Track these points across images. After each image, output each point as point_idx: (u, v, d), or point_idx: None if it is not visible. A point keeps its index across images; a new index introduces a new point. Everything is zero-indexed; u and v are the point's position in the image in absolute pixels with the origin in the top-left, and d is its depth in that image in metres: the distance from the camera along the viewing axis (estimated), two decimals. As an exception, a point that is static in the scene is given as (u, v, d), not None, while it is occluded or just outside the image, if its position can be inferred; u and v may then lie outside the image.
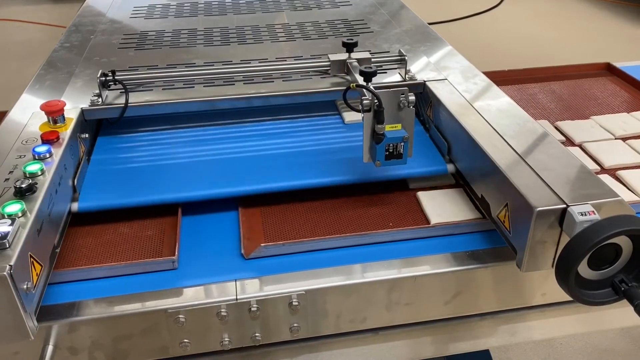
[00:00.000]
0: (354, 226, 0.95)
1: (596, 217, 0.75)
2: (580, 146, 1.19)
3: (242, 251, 0.90)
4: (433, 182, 1.05)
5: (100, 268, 0.87)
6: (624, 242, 0.76)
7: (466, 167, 1.01)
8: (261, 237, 0.93)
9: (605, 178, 1.06)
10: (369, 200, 1.02)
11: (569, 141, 1.22)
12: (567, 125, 1.26)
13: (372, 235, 0.92)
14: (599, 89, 1.46)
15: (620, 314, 1.01)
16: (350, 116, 1.19)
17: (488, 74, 1.19)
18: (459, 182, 1.04)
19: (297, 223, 0.97)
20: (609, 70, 1.57)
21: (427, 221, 0.96)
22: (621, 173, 1.08)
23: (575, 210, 0.76)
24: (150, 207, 0.98)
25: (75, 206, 0.95)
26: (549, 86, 1.49)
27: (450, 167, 1.05)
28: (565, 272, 0.74)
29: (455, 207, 0.98)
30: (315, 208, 1.01)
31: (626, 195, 1.02)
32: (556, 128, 1.27)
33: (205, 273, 0.87)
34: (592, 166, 1.12)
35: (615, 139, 1.21)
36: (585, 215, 0.75)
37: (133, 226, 0.97)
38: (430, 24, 1.52)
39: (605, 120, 1.28)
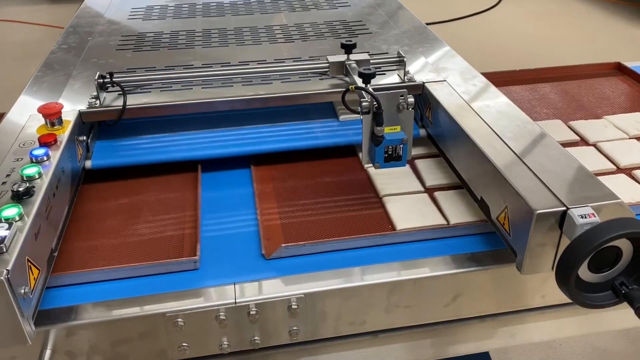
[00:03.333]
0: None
1: (596, 219, 0.74)
2: (595, 146, 1.19)
3: (263, 252, 0.90)
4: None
5: (114, 270, 0.87)
6: (624, 244, 0.76)
7: (465, 169, 1.00)
8: (280, 237, 0.93)
9: (621, 178, 1.07)
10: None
11: (583, 141, 1.22)
12: (581, 125, 1.26)
13: (390, 235, 0.92)
14: (611, 89, 1.46)
15: (619, 315, 1.01)
16: (345, 115, 1.19)
17: (499, 74, 1.17)
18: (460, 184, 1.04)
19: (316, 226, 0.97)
20: (620, 69, 1.57)
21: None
22: (637, 172, 1.08)
23: (575, 212, 0.75)
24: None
25: (88, 164, 1.05)
26: (560, 86, 1.49)
27: (422, 132, 1.14)
28: (565, 275, 0.74)
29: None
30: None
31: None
32: (570, 127, 1.26)
33: (227, 273, 0.87)
34: (608, 166, 1.11)
35: (630, 138, 1.21)
36: (586, 217, 0.75)
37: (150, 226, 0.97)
38: (429, 24, 1.52)
39: (618, 119, 1.28)
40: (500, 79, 1.44)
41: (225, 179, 1.11)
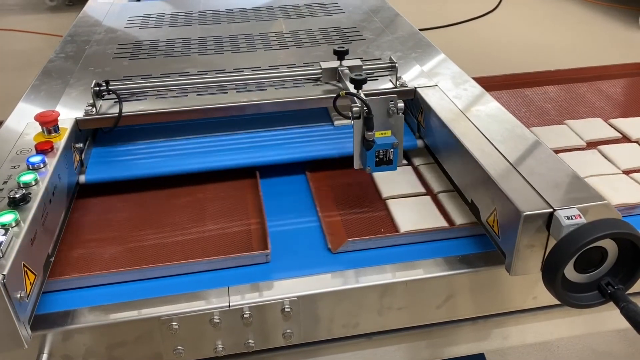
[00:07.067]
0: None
1: (582, 220, 0.76)
2: (638, 142, 1.20)
3: (329, 246, 0.93)
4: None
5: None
6: (609, 245, 0.77)
7: (456, 172, 1.02)
8: (342, 232, 0.97)
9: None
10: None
11: (625, 138, 1.23)
12: (622, 123, 1.27)
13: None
14: None
15: (612, 316, 1.01)
16: (340, 120, 1.21)
17: (533, 75, 1.16)
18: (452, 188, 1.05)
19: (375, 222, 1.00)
20: None
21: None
22: None
23: (561, 214, 0.76)
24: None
25: (82, 178, 1.06)
26: (596, 85, 1.50)
27: (420, 143, 1.14)
28: (552, 275, 0.75)
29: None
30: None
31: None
32: (610, 125, 1.27)
33: (297, 266, 0.90)
34: None
35: None
36: (572, 219, 0.76)
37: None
38: (427, 29, 1.53)
39: None
40: (535, 80, 1.47)
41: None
